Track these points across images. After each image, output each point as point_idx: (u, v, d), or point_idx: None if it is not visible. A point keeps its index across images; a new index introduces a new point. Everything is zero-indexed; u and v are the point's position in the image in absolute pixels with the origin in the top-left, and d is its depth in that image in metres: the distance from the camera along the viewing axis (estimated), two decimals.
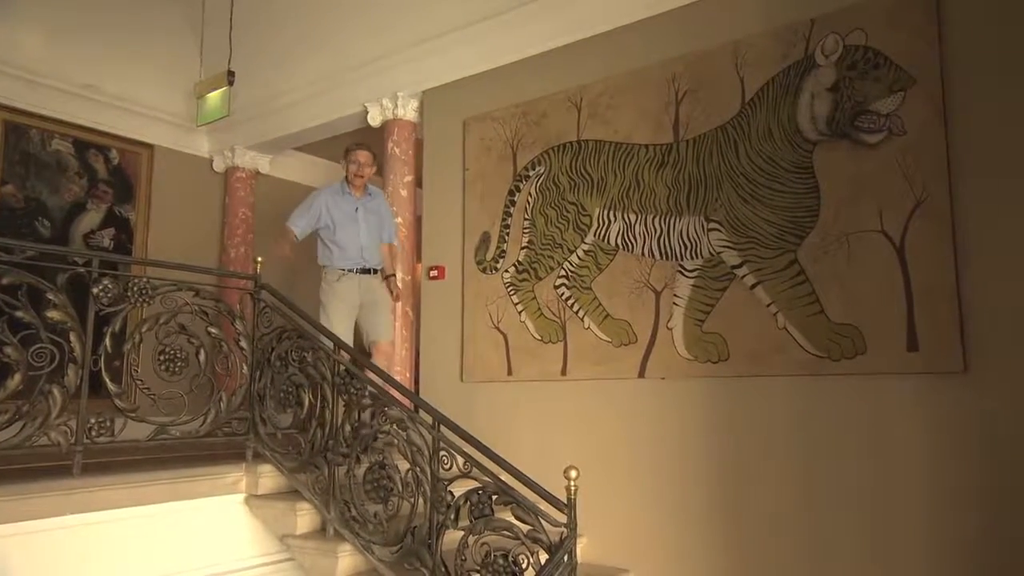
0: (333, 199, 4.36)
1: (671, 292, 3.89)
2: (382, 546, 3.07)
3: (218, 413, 3.37)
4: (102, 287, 2.95)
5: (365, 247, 4.33)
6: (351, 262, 4.29)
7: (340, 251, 4.29)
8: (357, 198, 4.38)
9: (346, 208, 4.34)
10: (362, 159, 4.35)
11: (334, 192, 4.40)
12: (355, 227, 4.31)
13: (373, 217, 4.42)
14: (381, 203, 4.55)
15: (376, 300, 4.35)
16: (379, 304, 4.36)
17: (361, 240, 4.32)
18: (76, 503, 2.78)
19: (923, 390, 3.09)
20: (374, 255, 4.40)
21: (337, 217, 4.30)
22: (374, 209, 4.45)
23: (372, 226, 4.40)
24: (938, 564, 3.00)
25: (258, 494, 3.43)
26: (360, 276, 4.30)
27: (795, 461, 3.38)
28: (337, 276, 4.27)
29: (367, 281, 4.33)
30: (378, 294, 4.37)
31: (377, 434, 3.19)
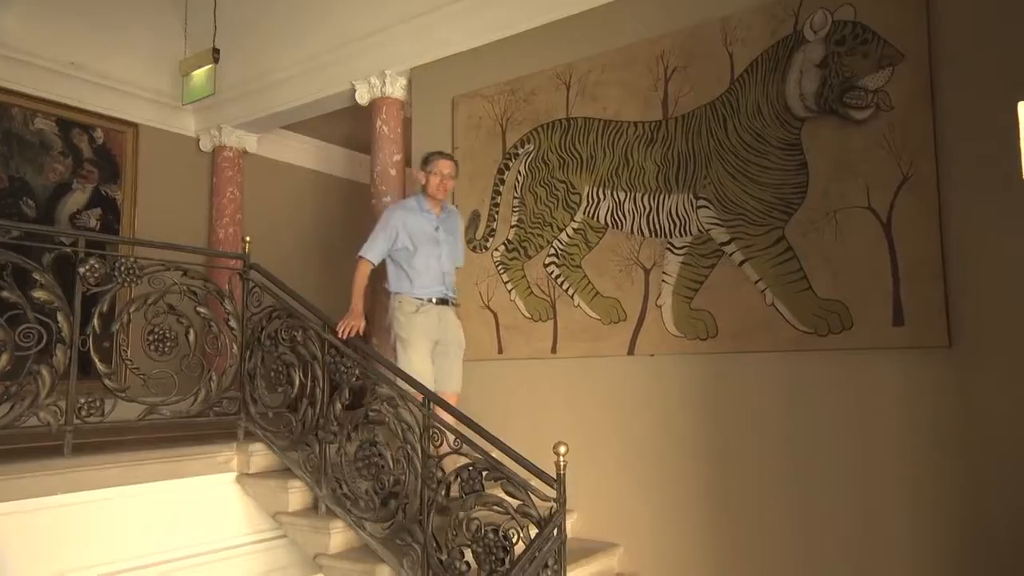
0: (410, 216, 3.77)
1: (660, 270, 3.91)
2: (374, 522, 3.11)
3: (208, 393, 3.38)
4: (89, 267, 2.94)
5: (447, 272, 3.80)
6: (431, 290, 3.71)
7: (419, 277, 3.70)
8: (437, 216, 3.81)
9: (426, 227, 3.76)
10: (446, 170, 3.78)
11: (409, 208, 3.82)
12: (436, 249, 3.75)
13: (452, 238, 3.88)
14: (458, 222, 4.04)
15: (451, 340, 3.76)
16: (453, 344, 3.77)
17: (442, 265, 3.76)
18: (67, 482, 2.79)
19: (908, 365, 3.13)
20: (453, 282, 3.87)
21: (416, 237, 3.73)
22: (452, 229, 3.90)
23: (452, 248, 3.86)
24: (922, 534, 3.06)
25: (250, 472, 3.45)
26: (440, 308, 3.73)
27: (782, 436, 3.42)
28: (415, 307, 3.67)
29: (446, 314, 3.77)
30: (453, 333, 3.78)
31: (367, 412, 3.21)
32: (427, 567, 2.89)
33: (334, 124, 6.44)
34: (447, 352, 3.72)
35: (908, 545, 3.08)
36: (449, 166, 3.81)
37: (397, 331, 3.67)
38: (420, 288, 3.71)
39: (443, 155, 3.86)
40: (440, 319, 3.70)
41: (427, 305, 3.69)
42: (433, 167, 3.76)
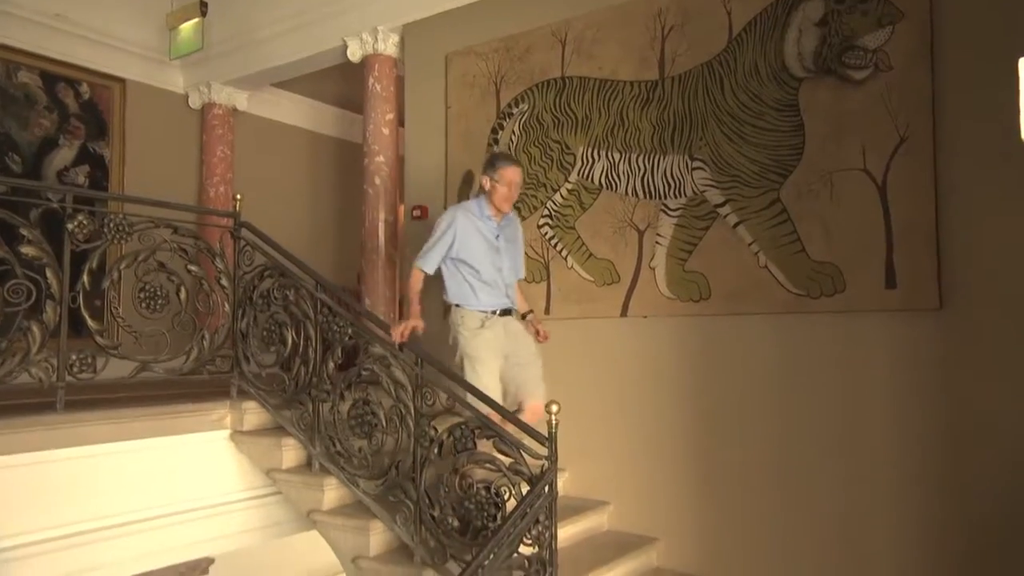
0: (470, 222, 3.44)
1: (654, 231, 3.90)
2: (367, 479, 3.14)
3: (201, 351, 3.37)
4: (77, 223, 2.91)
5: (509, 284, 3.51)
6: (494, 302, 3.41)
7: (482, 288, 3.41)
8: (498, 223, 3.50)
9: (487, 235, 3.45)
10: (516, 179, 3.42)
11: (470, 213, 3.47)
12: (497, 258, 3.45)
13: (512, 247, 3.57)
14: (518, 230, 3.67)
15: (521, 350, 3.43)
16: (525, 354, 3.44)
17: (505, 275, 3.47)
18: (61, 438, 2.80)
19: (899, 326, 3.15)
20: (514, 292, 3.57)
21: (475, 245, 3.42)
22: (512, 237, 3.59)
23: (513, 257, 3.56)
24: (907, 493, 3.11)
25: (243, 430, 3.47)
26: (505, 319, 3.44)
27: (774, 397, 3.46)
28: (480, 321, 3.37)
29: (512, 325, 3.48)
30: (522, 341, 3.46)
31: (360, 371, 3.22)
32: (420, 523, 2.93)
33: (326, 82, 6.33)
34: (521, 362, 3.40)
35: (893, 504, 3.13)
36: (520, 174, 3.47)
37: (463, 349, 3.36)
38: (484, 300, 3.40)
39: (512, 161, 3.49)
40: (506, 331, 3.41)
41: (492, 318, 3.38)
42: (500, 176, 3.37)
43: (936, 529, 3.03)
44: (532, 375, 3.39)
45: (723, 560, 3.51)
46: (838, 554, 3.23)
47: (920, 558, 3.06)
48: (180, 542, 3.29)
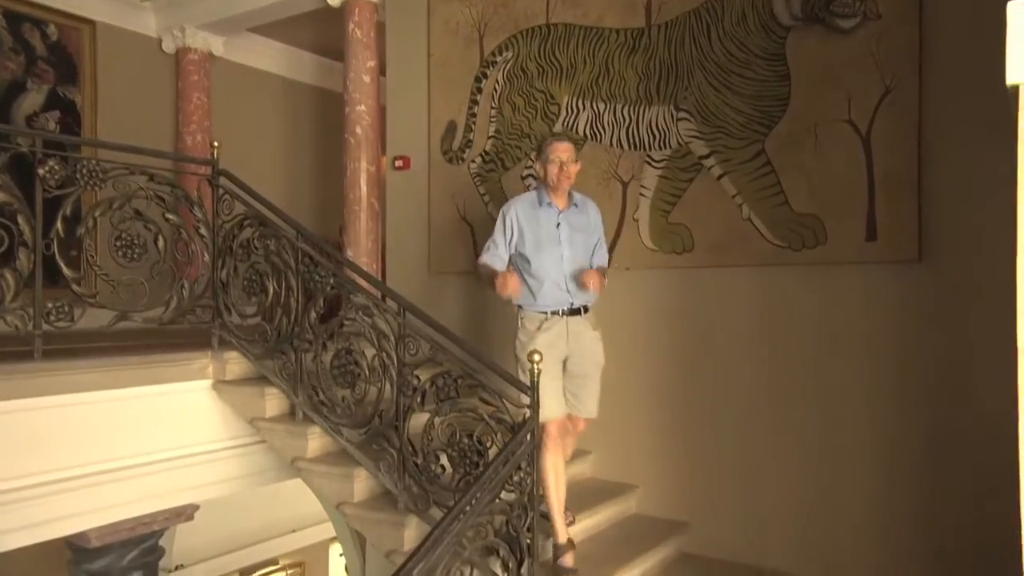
0: (527, 211, 3.14)
1: (638, 183, 3.88)
2: (350, 428, 3.15)
3: (180, 300, 3.33)
4: (48, 168, 2.82)
5: (571, 275, 3.10)
6: (554, 300, 3.08)
7: (540, 286, 3.09)
8: (560, 209, 3.13)
9: (545, 223, 3.12)
10: (564, 154, 3.07)
11: (528, 202, 3.17)
12: (557, 250, 3.09)
13: (580, 236, 3.15)
14: (592, 215, 3.24)
15: (584, 356, 3.11)
16: (587, 362, 3.12)
17: (564, 267, 3.09)
18: (40, 386, 2.78)
19: (878, 278, 3.18)
20: (583, 289, 3.10)
21: (532, 236, 3.10)
22: (581, 225, 3.17)
23: (579, 248, 3.14)
24: (883, 440, 3.19)
25: (225, 380, 3.46)
26: (569, 319, 3.09)
27: (755, 348, 3.50)
28: (538, 323, 3.07)
29: (576, 326, 3.10)
30: (587, 347, 3.12)
31: (343, 321, 3.20)
32: (403, 470, 2.96)
33: (305, 28, 6.17)
34: (579, 371, 3.10)
35: (868, 450, 3.21)
36: (568, 149, 3.10)
37: (518, 354, 3.08)
38: (542, 299, 3.09)
39: (558, 137, 3.20)
40: (569, 332, 3.08)
41: (551, 319, 3.08)
42: (548, 154, 3.09)
43: (909, 474, 3.12)
44: (585, 387, 3.12)
45: (699, 506, 3.60)
46: (815, 497, 3.32)
47: (893, 501, 3.15)
48: (164, 489, 3.31)
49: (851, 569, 3.18)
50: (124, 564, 3.59)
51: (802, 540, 3.32)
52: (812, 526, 3.31)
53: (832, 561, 3.24)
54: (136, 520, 3.43)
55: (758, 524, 3.43)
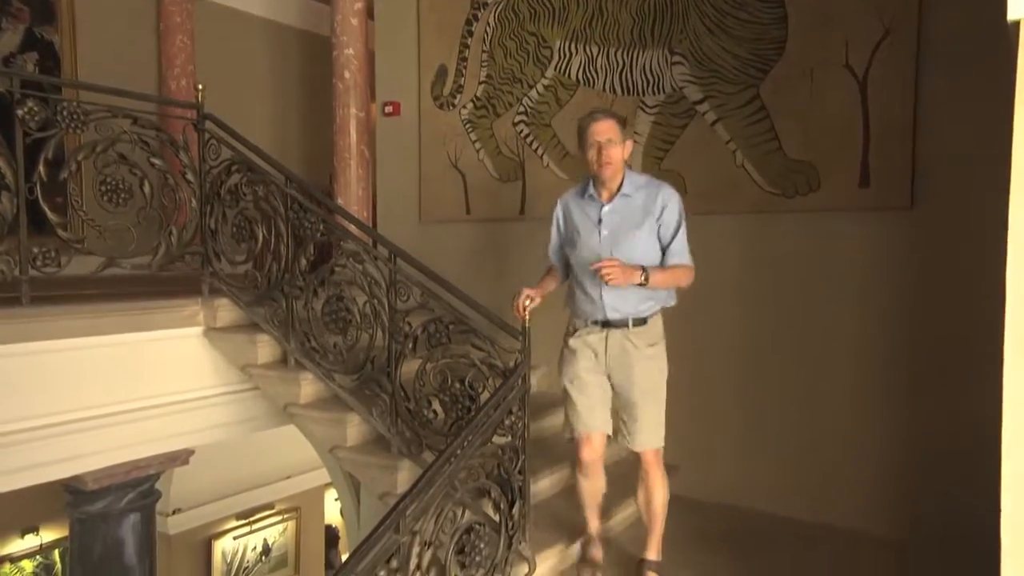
0: (576, 203, 2.69)
1: (631, 129, 3.81)
2: (343, 374, 3.16)
3: (169, 247, 3.29)
4: (27, 109, 2.74)
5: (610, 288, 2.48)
6: (588, 308, 2.61)
7: (576, 289, 2.67)
8: (604, 202, 2.58)
9: (587, 217, 2.62)
10: (602, 135, 2.49)
11: (574, 195, 2.72)
12: (596, 247, 2.56)
13: (632, 235, 2.53)
14: (657, 205, 2.55)
15: (629, 378, 2.58)
16: (633, 386, 2.58)
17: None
18: (29, 331, 2.76)
19: (870, 225, 3.17)
20: (628, 296, 2.54)
21: (573, 235, 2.66)
22: (633, 219, 2.54)
23: (627, 250, 2.49)
24: (870, 386, 3.23)
25: (216, 327, 3.44)
26: (608, 333, 2.59)
27: (746, 296, 3.51)
28: (572, 331, 2.69)
29: (617, 341, 2.58)
30: (632, 367, 2.57)
31: (333, 268, 3.18)
32: (395, 415, 2.98)
33: None
34: (624, 394, 2.61)
35: (855, 395, 3.25)
36: (608, 129, 2.50)
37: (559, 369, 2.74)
38: (577, 305, 2.67)
39: (595, 115, 2.56)
40: (608, 348, 2.58)
41: (586, 328, 2.63)
42: (585, 138, 2.54)
43: (894, 419, 3.16)
44: (635, 419, 2.59)
45: (688, 451, 3.64)
46: (801, 441, 3.37)
47: (877, 445, 3.20)
48: (158, 434, 3.32)
49: (835, 510, 3.26)
50: (121, 506, 3.64)
51: (787, 483, 3.38)
52: (797, 469, 3.37)
53: (816, 503, 3.31)
54: (132, 464, 3.47)
55: (745, 468, 3.49)
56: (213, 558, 6.49)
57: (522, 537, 2.59)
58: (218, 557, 6.53)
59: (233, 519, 6.68)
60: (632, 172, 2.63)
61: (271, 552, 7.00)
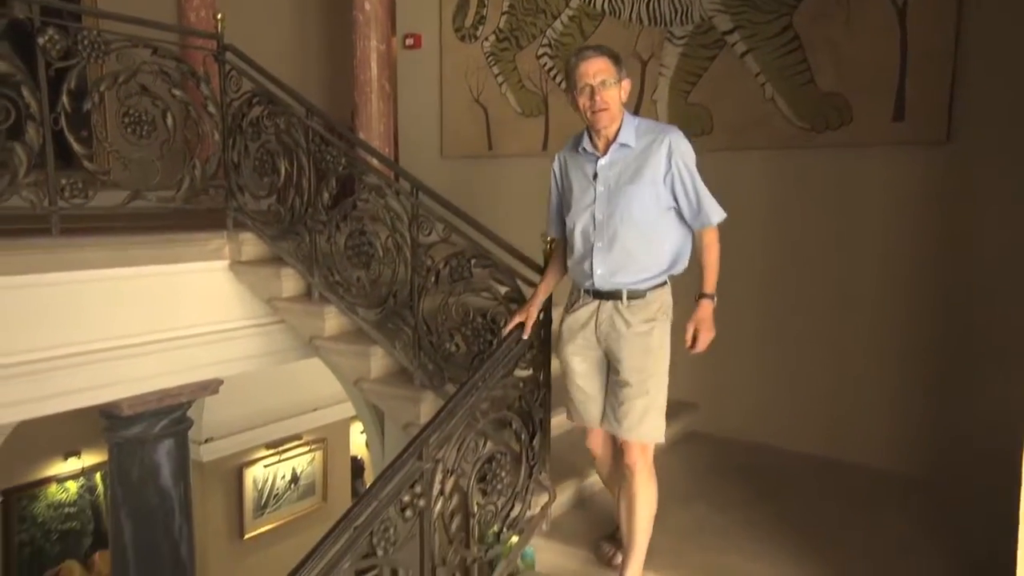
0: (571, 158, 2.35)
1: (658, 62, 3.70)
2: (366, 308, 3.18)
3: (193, 180, 3.29)
4: (48, 38, 2.71)
5: (604, 245, 2.21)
6: (579, 275, 2.31)
7: (572, 254, 2.34)
8: (599, 155, 2.22)
9: (583, 173, 2.28)
10: (593, 77, 2.12)
11: (569, 149, 2.37)
12: (589, 206, 2.24)
13: (629, 191, 2.17)
14: (658, 150, 2.16)
15: (622, 358, 2.23)
16: (623, 366, 2.22)
17: (596, 233, 2.22)
18: (58, 262, 2.79)
19: (903, 160, 3.07)
20: (627, 262, 2.20)
21: (572, 192, 2.31)
22: (632, 168, 2.18)
23: (623, 209, 2.18)
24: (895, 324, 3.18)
25: (242, 260, 3.47)
26: (601, 306, 2.26)
27: (771, 233, 3.44)
28: (569, 304, 2.38)
29: (610, 315, 2.24)
30: (626, 349, 2.22)
31: (356, 202, 3.17)
32: (418, 348, 3.01)
33: None
34: (615, 375, 2.28)
35: (881, 334, 3.20)
36: (599, 66, 2.12)
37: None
38: (572, 270, 2.36)
39: (583, 53, 2.17)
40: (599, 323, 2.26)
41: (580, 301, 2.32)
42: (574, 76, 2.17)
43: (920, 357, 3.12)
44: (622, 402, 2.24)
45: (708, 389, 3.66)
46: (823, 380, 3.35)
47: (902, 383, 3.17)
48: (188, 364, 3.40)
49: (851, 447, 3.26)
50: (156, 432, 3.76)
51: (805, 420, 3.38)
52: (815, 407, 3.36)
53: (833, 440, 3.31)
54: (163, 392, 3.55)
55: (764, 406, 3.49)
56: (244, 485, 6.73)
57: (542, 468, 2.63)
58: (249, 484, 6.77)
59: (263, 448, 6.89)
60: (632, 116, 2.23)
61: (299, 481, 7.22)
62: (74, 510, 6.15)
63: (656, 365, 2.24)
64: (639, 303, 2.22)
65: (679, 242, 2.28)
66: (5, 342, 2.70)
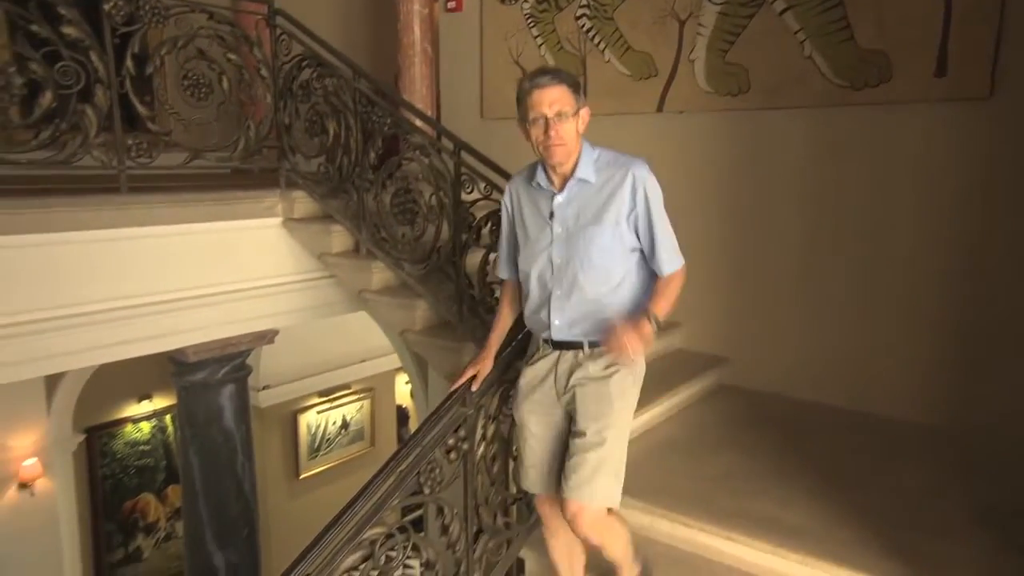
0: (525, 190, 2.03)
1: (696, 21, 3.57)
2: (411, 263, 3.20)
3: (247, 141, 3.32)
4: (113, 3, 2.74)
5: (562, 292, 1.91)
6: (535, 323, 2.02)
7: (528, 300, 2.02)
8: (555, 192, 1.93)
9: (537, 211, 1.98)
10: (548, 107, 1.82)
11: (524, 178, 2.04)
12: (545, 248, 1.94)
13: (589, 233, 1.88)
14: (620, 186, 1.88)
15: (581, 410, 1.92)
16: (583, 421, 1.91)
17: (554, 278, 1.92)
18: (125, 217, 2.87)
19: (943, 117, 2.93)
20: (588, 311, 1.91)
21: (523, 229, 2.02)
22: (591, 206, 1.89)
23: (582, 241, 1.89)
24: (932, 288, 3.09)
25: (294, 217, 3.52)
26: (561, 357, 1.97)
27: (805, 192, 3.34)
28: (528, 356, 2.10)
29: (568, 368, 1.96)
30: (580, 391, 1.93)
31: (401, 161, 3.17)
32: (461, 302, 3.03)
33: None
34: (578, 431, 1.92)
35: (914, 295, 3.12)
36: (555, 96, 1.82)
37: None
38: (530, 319, 2.04)
39: (537, 80, 1.84)
40: (558, 373, 1.97)
41: (539, 353, 2.03)
42: (526, 108, 1.87)
43: (954, 318, 3.03)
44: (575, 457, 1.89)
45: (739, 343, 3.62)
46: (854, 338, 3.28)
47: (934, 344, 3.09)
48: (246, 315, 3.48)
49: (884, 402, 3.20)
50: (219, 377, 3.89)
51: (839, 375, 3.31)
52: (847, 362, 3.30)
53: (865, 394, 3.25)
54: (224, 341, 3.66)
55: (796, 360, 3.44)
56: (299, 429, 6.95)
57: None
58: (303, 428, 6.98)
59: (315, 396, 7.08)
60: (591, 148, 1.92)
61: (349, 426, 7.42)
62: (148, 448, 6.45)
63: (615, 415, 1.89)
64: (601, 350, 1.91)
65: (645, 286, 1.95)
66: (83, 292, 2.80)
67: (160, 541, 6.59)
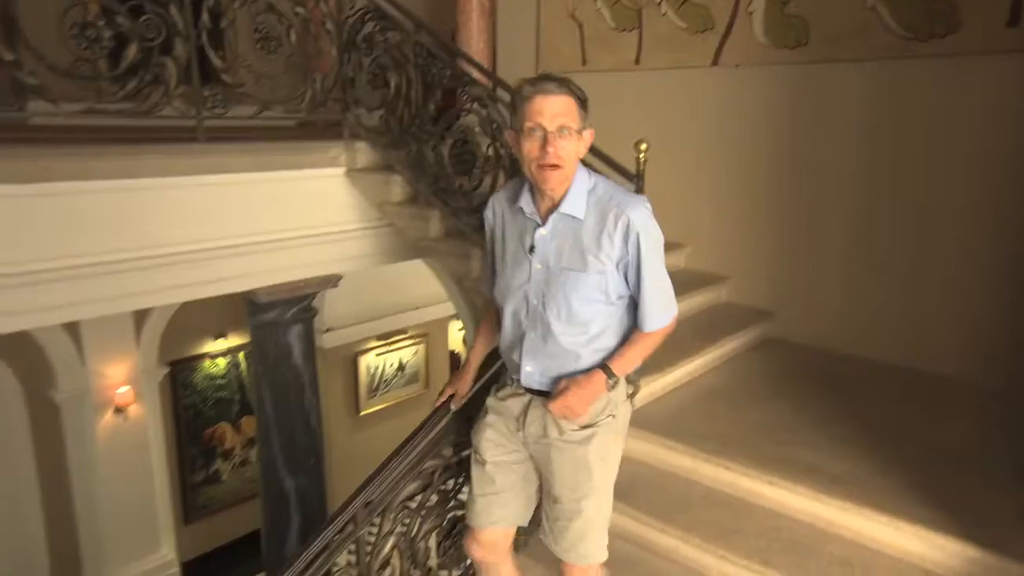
0: (507, 210, 1.74)
1: None
2: (468, 213, 3.20)
3: (314, 93, 3.34)
4: None
5: (537, 336, 1.65)
6: (509, 363, 1.76)
7: (503, 332, 1.74)
8: (539, 220, 1.64)
9: (517, 239, 1.69)
10: (551, 116, 1.51)
11: (508, 196, 1.74)
12: (524, 281, 1.65)
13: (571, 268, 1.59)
14: (612, 229, 1.56)
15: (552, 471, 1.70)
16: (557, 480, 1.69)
17: (531, 316, 1.65)
18: (203, 165, 2.94)
19: (1013, 70, 2.74)
20: (563, 362, 1.64)
21: (503, 248, 1.74)
22: (576, 247, 1.59)
23: (562, 288, 1.60)
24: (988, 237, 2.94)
25: (356, 168, 3.54)
26: (533, 401, 1.71)
27: (863, 148, 3.19)
28: (499, 386, 1.82)
29: (539, 420, 1.69)
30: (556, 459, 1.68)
31: (459, 113, 3.14)
32: None
33: None
34: (548, 488, 1.74)
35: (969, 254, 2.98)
36: (559, 107, 1.52)
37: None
38: (502, 353, 1.79)
39: (541, 86, 1.53)
40: (527, 423, 1.71)
41: (512, 388, 1.76)
42: (522, 117, 1.54)
43: (1007, 273, 2.89)
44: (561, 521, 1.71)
45: (785, 298, 3.54)
46: (904, 294, 3.17)
47: (985, 302, 2.97)
48: (312, 260, 3.57)
49: (932, 358, 3.10)
50: (287, 318, 4.01)
51: (887, 330, 3.23)
52: (896, 318, 3.19)
53: (914, 350, 3.15)
54: (292, 284, 3.76)
55: (843, 315, 3.35)
56: (359, 370, 7.16)
57: None
58: (363, 370, 7.19)
59: (374, 340, 7.26)
60: (588, 175, 1.61)
61: (405, 369, 7.61)
62: (224, 382, 6.76)
63: (596, 483, 1.66)
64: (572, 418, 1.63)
65: (630, 334, 1.67)
66: (166, 235, 2.91)
67: (236, 466, 6.96)
